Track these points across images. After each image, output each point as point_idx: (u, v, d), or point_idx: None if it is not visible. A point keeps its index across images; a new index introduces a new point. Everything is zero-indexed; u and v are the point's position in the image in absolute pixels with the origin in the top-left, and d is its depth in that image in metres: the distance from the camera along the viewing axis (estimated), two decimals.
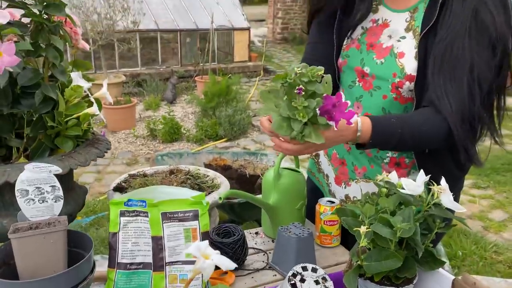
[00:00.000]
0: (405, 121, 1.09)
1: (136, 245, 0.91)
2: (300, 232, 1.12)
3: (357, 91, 1.26)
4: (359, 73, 1.25)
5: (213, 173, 1.62)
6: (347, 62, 1.28)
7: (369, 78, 1.23)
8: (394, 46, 1.19)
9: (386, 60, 1.19)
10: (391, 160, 1.26)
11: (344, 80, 1.31)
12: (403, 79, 1.16)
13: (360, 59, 1.25)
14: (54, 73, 1.19)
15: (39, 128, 1.18)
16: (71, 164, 1.16)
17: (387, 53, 1.19)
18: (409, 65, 1.15)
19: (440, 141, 1.11)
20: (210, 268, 0.54)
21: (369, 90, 1.24)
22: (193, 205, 0.92)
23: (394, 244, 0.85)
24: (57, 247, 0.85)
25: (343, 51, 1.30)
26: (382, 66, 1.20)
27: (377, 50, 1.21)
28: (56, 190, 0.91)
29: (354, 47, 1.27)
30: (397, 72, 1.16)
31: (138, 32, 7.09)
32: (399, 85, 1.17)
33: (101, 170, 4.24)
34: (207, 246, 0.55)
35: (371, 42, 1.24)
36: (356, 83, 1.27)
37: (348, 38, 1.29)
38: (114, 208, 0.91)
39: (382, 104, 1.21)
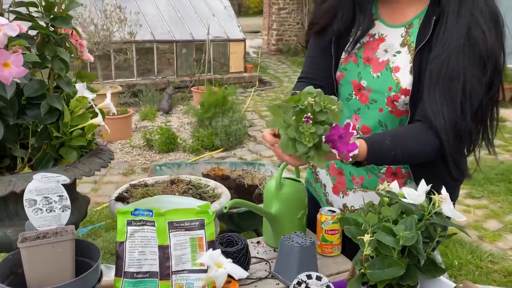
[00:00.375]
0: (399, 141, 1.12)
1: (143, 254, 0.92)
2: (302, 241, 1.14)
3: (354, 104, 1.30)
4: (355, 87, 1.28)
5: (214, 183, 1.64)
6: (345, 76, 1.31)
7: (365, 92, 1.26)
8: (390, 60, 1.22)
9: (382, 74, 1.22)
10: (387, 170, 1.29)
11: (342, 92, 1.34)
12: (399, 93, 1.18)
13: (357, 73, 1.27)
14: (60, 84, 1.20)
15: (44, 138, 1.19)
16: (76, 174, 1.17)
17: (383, 67, 1.22)
18: (404, 80, 1.18)
19: (431, 156, 1.16)
20: (223, 276, 0.56)
21: (365, 103, 1.27)
22: (199, 214, 0.94)
23: (397, 252, 0.87)
24: (65, 256, 0.86)
25: (341, 65, 1.32)
26: (378, 80, 1.23)
27: (373, 64, 1.25)
28: (63, 200, 0.92)
29: (352, 61, 1.29)
30: (392, 86, 1.19)
31: (135, 43, 7.12)
32: (395, 98, 1.19)
33: (98, 180, 4.23)
34: (219, 254, 0.57)
35: (368, 56, 1.27)
36: (353, 96, 1.29)
37: (345, 52, 1.32)
38: (121, 217, 0.92)
39: (378, 117, 1.24)
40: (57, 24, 1.14)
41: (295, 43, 11.67)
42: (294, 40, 11.76)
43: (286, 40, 11.87)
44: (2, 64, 0.99)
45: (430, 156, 1.16)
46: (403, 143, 1.12)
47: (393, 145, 1.10)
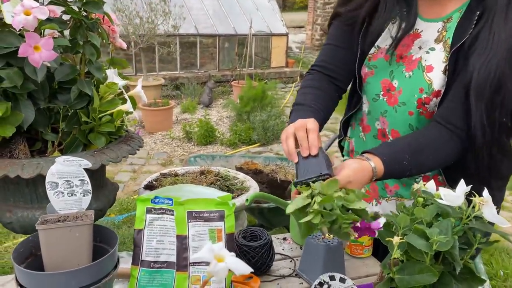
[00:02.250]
0: (416, 158, 1.03)
1: (161, 243, 0.89)
2: (329, 240, 1.08)
3: (381, 105, 1.19)
4: (385, 87, 1.17)
5: (243, 176, 1.61)
6: (374, 73, 1.19)
7: (395, 93, 1.14)
8: (422, 58, 1.10)
9: (414, 73, 1.11)
10: (423, 178, 1.19)
11: (369, 91, 1.22)
12: (430, 95, 1.08)
13: (389, 71, 1.16)
14: (90, 69, 1.21)
15: (74, 123, 1.20)
16: (103, 160, 1.17)
17: (415, 65, 1.11)
18: (438, 81, 1.07)
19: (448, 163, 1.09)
20: (223, 271, 0.52)
21: (393, 105, 1.16)
22: (219, 205, 0.90)
23: (429, 258, 0.80)
24: (82, 240, 0.85)
25: (369, 61, 1.19)
26: (410, 80, 1.11)
27: (406, 62, 1.13)
28: (85, 184, 0.92)
29: (382, 58, 1.17)
30: (424, 87, 1.08)
31: (178, 36, 7.22)
32: (426, 101, 1.09)
33: (137, 170, 4.33)
34: (221, 248, 0.53)
35: (401, 53, 1.14)
36: (380, 97, 1.18)
37: (375, 47, 1.19)
38: (140, 205, 0.90)
39: (409, 120, 1.14)
40: (89, 8, 1.14)
41: None
42: None
43: None
44: (32, 47, 1.00)
45: (447, 164, 1.09)
46: (420, 160, 1.04)
47: (409, 164, 1.02)
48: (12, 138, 1.18)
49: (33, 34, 0.99)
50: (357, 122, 1.33)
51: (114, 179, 4.09)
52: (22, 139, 1.20)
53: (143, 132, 5.44)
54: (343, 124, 1.37)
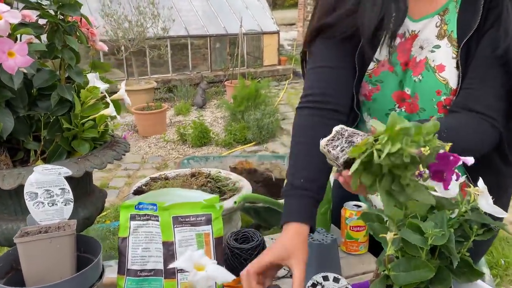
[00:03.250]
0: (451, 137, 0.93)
1: (147, 250, 0.86)
2: (322, 238, 1.05)
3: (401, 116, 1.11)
4: (398, 98, 1.06)
5: (236, 177, 1.57)
6: (381, 89, 1.07)
7: (412, 100, 1.05)
8: (428, 58, 1.00)
9: (423, 76, 1.01)
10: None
11: (376, 109, 1.10)
12: (450, 95, 0.99)
13: (397, 82, 1.05)
14: (70, 74, 1.17)
15: (56, 130, 1.17)
16: (87, 167, 1.14)
17: (422, 68, 1.01)
18: (454, 78, 0.98)
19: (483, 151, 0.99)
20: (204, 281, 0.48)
21: (415, 112, 1.05)
22: (205, 208, 0.87)
23: (425, 253, 0.77)
24: (64, 252, 0.81)
25: (370, 77, 1.07)
26: (421, 84, 1.02)
27: (412, 66, 1.03)
28: (66, 193, 0.88)
29: (386, 70, 1.05)
30: (441, 89, 0.99)
31: (169, 38, 7.18)
32: (446, 103, 0.99)
33: (132, 175, 4.29)
34: (202, 256, 0.50)
35: (405, 60, 1.04)
36: (396, 110, 1.07)
37: (374, 62, 1.06)
38: (124, 211, 0.87)
39: None
40: (65, 11, 1.11)
41: None
42: None
43: None
44: (6, 53, 0.96)
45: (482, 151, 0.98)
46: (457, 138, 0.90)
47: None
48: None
49: (6, 40, 0.95)
50: None
51: (108, 185, 4.05)
52: (3, 149, 1.17)
53: (137, 136, 5.40)
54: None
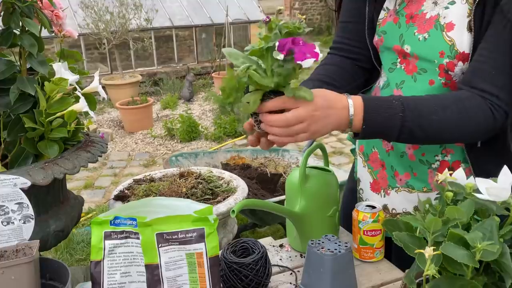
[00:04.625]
0: (413, 104, 0.85)
1: (127, 275, 0.70)
2: (335, 247, 0.90)
3: (398, 75, 1.02)
4: (399, 53, 1.01)
5: (229, 175, 1.42)
6: (384, 40, 1.04)
7: (411, 59, 0.98)
8: (440, 15, 0.93)
9: (430, 34, 0.94)
10: (441, 164, 1.00)
11: (384, 62, 1.07)
12: (454, 59, 0.91)
13: (398, 36, 1.00)
14: (32, 64, 1.00)
15: (18, 131, 1.00)
16: (55, 173, 0.97)
17: (431, 25, 0.94)
18: (461, 40, 0.90)
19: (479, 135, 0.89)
20: None
21: (412, 73, 0.99)
22: (197, 222, 0.71)
23: (470, 269, 0.62)
24: (21, 284, 0.65)
25: (379, 27, 1.05)
26: (425, 43, 0.95)
27: (418, 22, 0.96)
28: (24, 209, 0.72)
29: (391, 21, 1.02)
30: (445, 50, 0.92)
31: (153, 30, 6.94)
32: (449, 67, 0.92)
33: (118, 173, 4.10)
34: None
35: (411, 12, 0.98)
36: (397, 65, 1.02)
37: (384, 10, 1.05)
38: (96, 229, 0.71)
39: (428, 91, 0.95)
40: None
41: (319, 22, 11.22)
42: (318, 19, 11.31)
43: (309, 19, 11.45)
44: None
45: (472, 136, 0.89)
46: (421, 108, 0.85)
47: (403, 106, 0.83)
48: None
49: None
50: None
51: (94, 184, 3.86)
52: None
53: (122, 132, 5.20)
54: None
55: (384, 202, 1.11)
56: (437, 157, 1.01)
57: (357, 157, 1.20)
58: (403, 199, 1.07)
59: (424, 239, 0.67)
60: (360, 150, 1.17)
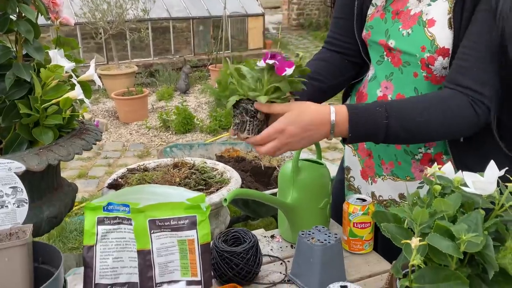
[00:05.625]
0: (396, 109, 0.89)
1: (119, 260, 0.72)
2: (325, 238, 0.91)
3: (387, 67, 1.05)
4: (385, 47, 1.04)
5: (222, 166, 1.43)
6: (371, 35, 1.07)
7: (396, 52, 1.02)
8: (423, 12, 0.97)
9: (413, 30, 0.97)
10: (424, 156, 1.04)
11: (372, 55, 1.11)
12: (434, 53, 0.94)
13: (384, 31, 1.03)
14: (28, 50, 1.00)
15: (13, 117, 1.00)
16: (50, 159, 0.98)
17: (414, 21, 0.97)
18: (441, 36, 0.93)
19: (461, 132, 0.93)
20: None
21: (399, 66, 1.02)
22: (189, 210, 0.72)
23: (455, 261, 0.64)
24: (14, 266, 0.66)
25: (367, 22, 1.09)
26: (408, 39, 0.98)
27: (403, 18, 1.00)
28: (18, 193, 0.73)
29: (378, 16, 1.05)
30: (426, 45, 0.95)
31: (150, 21, 6.91)
32: (429, 61, 0.95)
33: (112, 163, 4.10)
34: None
35: (397, 9, 1.02)
36: (384, 58, 1.06)
37: (372, 5, 1.08)
38: (90, 214, 0.71)
39: (413, 83, 0.99)
40: None
41: (317, 17, 11.20)
42: (316, 14, 11.29)
43: (307, 14, 11.43)
44: None
45: (455, 133, 0.93)
46: (405, 112, 0.89)
47: (387, 112, 0.87)
48: None
49: None
50: (354, 91, 1.20)
51: (88, 174, 3.86)
52: None
53: (117, 122, 5.19)
54: (344, 94, 1.24)
55: (371, 189, 1.15)
56: (420, 149, 1.04)
57: (346, 147, 1.22)
58: (389, 186, 1.11)
59: (411, 230, 0.69)
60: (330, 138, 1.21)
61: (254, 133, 0.88)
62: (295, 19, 11.49)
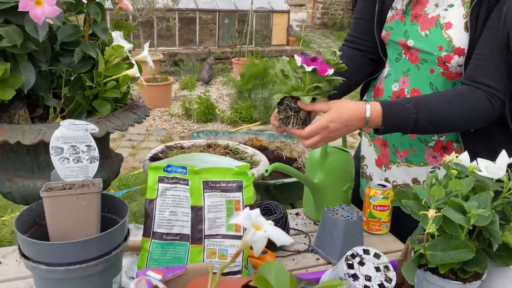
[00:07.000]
0: (423, 104, 1.01)
1: (174, 214, 0.84)
2: (348, 215, 1.02)
3: (404, 64, 1.17)
4: (403, 46, 1.15)
5: (252, 150, 1.54)
6: (390, 35, 1.19)
7: (414, 51, 1.13)
8: (440, 15, 1.08)
9: (431, 32, 1.08)
10: (436, 143, 1.16)
11: (390, 53, 1.22)
12: (451, 52, 1.05)
13: (403, 32, 1.15)
14: (95, 30, 1.12)
15: (77, 88, 1.13)
16: (108, 127, 1.11)
17: (432, 24, 1.09)
18: (458, 37, 1.04)
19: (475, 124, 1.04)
20: (262, 241, 0.45)
21: (416, 63, 1.13)
22: (237, 175, 0.84)
23: (465, 233, 0.74)
24: (90, 210, 0.78)
25: (387, 23, 1.20)
26: (426, 39, 1.09)
27: (421, 21, 1.11)
28: (91, 150, 0.85)
29: (398, 19, 1.17)
30: (443, 45, 1.06)
31: (178, 11, 7.05)
32: (446, 59, 1.06)
33: (136, 146, 4.25)
34: (258, 215, 0.47)
35: (416, 12, 1.13)
36: (402, 56, 1.17)
37: (392, 9, 1.20)
38: (152, 173, 0.84)
39: (429, 78, 1.11)
40: None
41: (341, 18, 11.22)
42: (340, 14, 11.31)
43: (332, 13, 11.45)
44: (34, 1, 0.92)
45: (476, 123, 1.04)
46: (431, 107, 1.00)
47: (415, 108, 0.99)
48: (11, 102, 1.11)
49: None
50: (371, 87, 1.31)
51: None
52: (22, 104, 1.13)
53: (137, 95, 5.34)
54: (362, 89, 1.35)
55: (385, 176, 1.26)
56: (433, 137, 1.15)
57: (363, 137, 1.33)
58: (403, 172, 1.22)
59: (428, 207, 0.79)
60: (367, 131, 1.31)
61: (299, 125, 0.99)
62: (319, 18, 11.52)
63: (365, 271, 0.77)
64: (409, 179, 1.21)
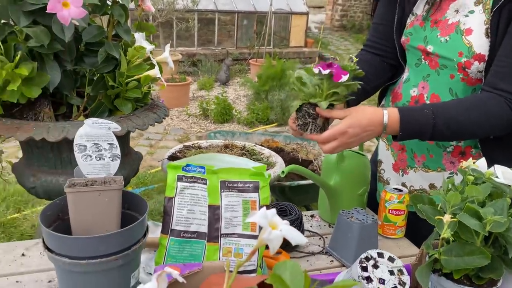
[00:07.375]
0: (442, 110, 1.00)
1: (192, 212, 0.86)
2: (363, 218, 1.03)
3: (424, 69, 1.16)
4: (423, 51, 1.15)
5: (268, 152, 1.56)
6: (410, 40, 1.18)
7: (433, 56, 1.12)
8: (460, 21, 1.07)
9: (451, 38, 1.07)
10: (455, 149, 1.15)
11: (410, 58, 1.22)
12: (471, 58, 1.04)
13: (423, 37, 1.14)
14: (119, 31, 1.16)
15: (100, 87, 1.16)
16: (129, 126, 1.14)
17: (452, 30, 1.08)
18: (478, 43, 1.03)
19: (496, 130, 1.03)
20: (278, 239, 0.47)
21: (435, 68, 1.13)
22: (254, 176, 0.86)
23: (480, 239, 0.74)
24: (111, 206, 0.81)
25: (407, 29, 1.20)
26: (446, 45, 1.08)
27: (441, 27, 1.10)
28: (113, 148, 0.88)
29: (418, 24, 1.16)
30: (463, 51, 1.05)
31: (197, 12, 7.11)
32: (466, 65, 1.05)
33: (153, 145, 4.31)
34: (274, 214, 0.48)
35: (435, 18, 1.13)
36: (422, 61, 1.16)
37: (412, 15, 1.19)
38: (171, 172, 0.86)
39: (449, 84, 1.10)
40: None
41: (360, 20, 11.16)
42: (359, 16, 11.25)
43: (351, 16, 11.40)
44: (61, 3, 0.95)
45: (494, 130, 1.03)
46: (449, 113, 1.00)
47: (433, 114, 0.99)
48: (37, 100, 1.15)
49: None
50: (389, 92, 1.31)
51: None
52: (47, 102, 1.17)
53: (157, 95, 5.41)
54: (380, 94, 1.34)
55: (402, 180, 1.25)
56: (452, 142, 1.14)
57: (381, 142, 1.33)
58: (420, 177, 1.21)
59: (443, 212, 0.79)
60: (384, 135, 1.31)
61: (317, 131, 1.00)
62: (338, 20, 11.47)
63: (379, 274, 0.78)
64: (426, 184, 1.20)
